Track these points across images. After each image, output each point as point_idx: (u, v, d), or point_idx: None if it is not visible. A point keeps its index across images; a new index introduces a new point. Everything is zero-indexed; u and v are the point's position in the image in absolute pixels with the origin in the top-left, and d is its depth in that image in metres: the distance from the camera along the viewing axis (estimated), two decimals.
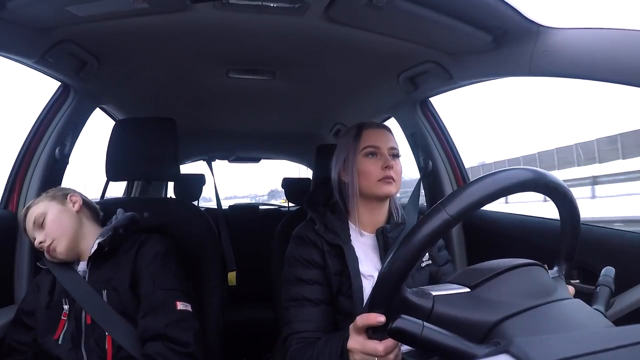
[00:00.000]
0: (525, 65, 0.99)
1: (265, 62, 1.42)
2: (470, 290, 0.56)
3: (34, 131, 1.33)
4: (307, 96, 1.83)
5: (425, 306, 0.54)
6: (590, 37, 0.84)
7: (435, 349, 0.48)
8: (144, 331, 0.96)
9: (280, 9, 1.00)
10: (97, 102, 1.56)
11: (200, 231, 1.26)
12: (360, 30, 1.10)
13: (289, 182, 2.67)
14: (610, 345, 0.35)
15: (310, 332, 0.93)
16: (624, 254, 0.98)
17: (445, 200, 0.52)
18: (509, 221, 1.44)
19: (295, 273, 0.99)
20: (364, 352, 0.67)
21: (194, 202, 2.63)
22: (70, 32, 1.07)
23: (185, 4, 0.96)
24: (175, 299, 1.00)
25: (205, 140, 2.53)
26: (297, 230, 1.06)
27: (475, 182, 0.53)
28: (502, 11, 0.93)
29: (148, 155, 1.32)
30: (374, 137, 1.03)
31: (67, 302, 1.01)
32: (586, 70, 0.84)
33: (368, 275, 0.99)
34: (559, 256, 0.68)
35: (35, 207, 1.08)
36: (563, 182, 0.59)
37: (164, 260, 1.05)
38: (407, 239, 0.53)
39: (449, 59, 1.24)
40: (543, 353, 0.35)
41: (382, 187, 0.99)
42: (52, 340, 0.99)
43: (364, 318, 0.63)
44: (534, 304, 0.53)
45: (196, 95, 1.78)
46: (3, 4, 0.88)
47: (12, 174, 1.31)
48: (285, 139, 2.63)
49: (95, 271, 1.04)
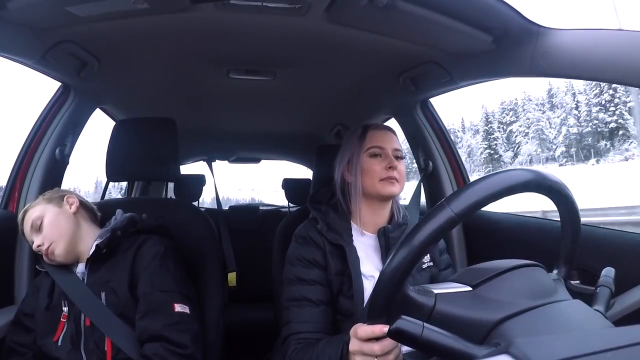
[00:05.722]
0: (525, 66, 0.99)
1: (266, 63, 1.42)
2: (472, 289, 0.56)
3: (35, 131, 1.33)
4: (307, 96, 1.83)
5: (427, 304, 0.54)
6: (590, 38, 0.85)
7: (435, 350, 0.48)
8: (142, 332, 0.96)
9: (280, 9, 1.00)
10: (97, 103, 1.56)
11: (201, 232, 1.26)
12: (360, 31, 1.10)
13: (289, 182, 2.67)
14: (611, 346, 0.35)
15: (310, 333, 0.93)
16: (624, 255, 0.98)
17: (449, 198, 0.52)
18: (509, 222, 1.44)
19: (296, 273, 0.99)
20: (363, 353, 0.67)
21: (194, 202, 2.63)
22: (71, 32, 1.07)
23: (185, 4, 0.96)
24: (173, 301, 0.99)
25: (205, 140, 2.53)
26: (299, 230, 1.06)
27: (478, 182, 0.53)
28: (502, 12, 0.94)
29: (148, 155, 1.32)
30: (378, 138, 1.04)
31: (67, 304, 1.01)
32: (586, 70, 0.85)
33: (369, 276, 0.99)
34: (559, 257, 0.68)
35: (32, 210, 1.07)
36: (564, 184, 0.60)
37: (163, 261, 1.04)
38: (411, 235, 0.53)
39: (450, 60, 1.24)
40: (543, 353, 0.36)
41: (386, 187, 1.00)
42: (51, 342, 0.99)
43: (367, 331, 0.65)
44: (534, 305, 0.53)
45: (196, 96, 1.78)
46: (3, 4, 0.88)
47: (12, 174, 1.31)
48: (286, 139, 2.63)
49: (94, 273, 1.04)
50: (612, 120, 52.82)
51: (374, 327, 0.62)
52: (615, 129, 52.89)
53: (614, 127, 52.89)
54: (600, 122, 53.75)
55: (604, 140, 53.99)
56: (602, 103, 53.61)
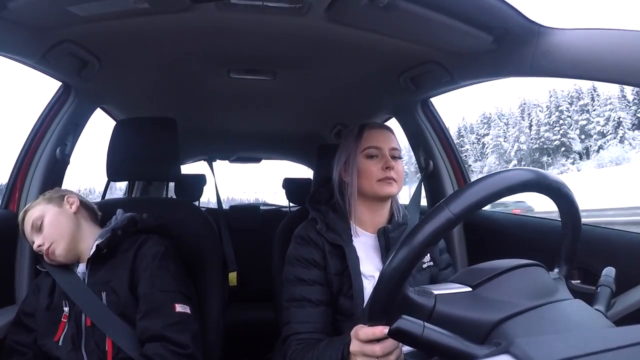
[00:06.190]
0: (526, 66, 0.99)
1: (266, 62, 1.42)
2: (472, 290, 0.56)
3: (35, 131, 1.33)
4: (307, 96, 1.83)
5: (427, 305, 0.54)
6: (591, 38, 0.84)
7: (436, 350, 0.48)
8: (142, 332, 0.96)
9: (281, 9, 1.00)
10: (98, 102, 1.56)
11: (201, 231, 1.26)
12: (361, 31, 1.10)
13: (290, 182, 2.67)
14: (611, 346, 0.35)
15: (310, 333, 0.93)
16: (625, 254, 0.98)
17: (448, 199, 0.52)
18: (510, 222, 1.44)
19: (296, 273, 0.99)
20: (364, 354, 0.67)
21: (195, 202, 2.63)
22: (71, 32, 1.07)
23: (186, 4, 0.96)
24: (173, 301, 1.00)
25: (205, 140, 2.53)
26: (299, 230, 1.06)
27: (478, 182, 0.53)
28: (503, 11, 0.93)
29: (149, 155, 1.32)
30: (375, 138, 1.03)
31: (67, 304, 1.01)
32: (587, 70, 0.84)
33: (369, 276, 0.98)
34: (559, 257, 0.68)
35: (32, 210, 1.07)
36: (564, 183, 0.59)
37: (163, 261, 1.04)
38: (410, 237, 0.53)
39: (450, 59, 1.24)
40: (544, 353, 0.36)
41: (383, 187, 0.99)
42: (52, 342, 0.99)
43: (368, 333, 0.65)
44: (535, 304, 0.53)
45: (197, 96, 1.78)
46: (4, 4, 0.88)
47: (13, 174, 1.31)
48: (286, 139, 2.63)
49: (95, 273, 1.04)
50: (556, 138, 61.90)
51: (375, 328, 0.62)
52: (560, 145, 61.77)
53: (558, 144, 61.87)
54: (547, 140, 62.58)
55: (546, 156, 62.17)
56: (550, 123, 62.84)
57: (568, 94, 62.79)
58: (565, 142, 61.19)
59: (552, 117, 62.47)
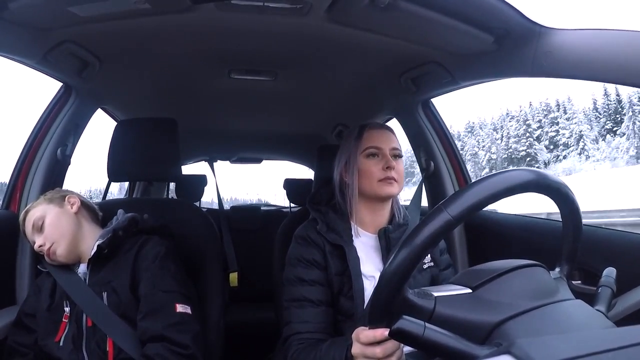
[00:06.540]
0: (527, 66, 0.99)
1: (267, 63, 1.42)
2: (472, 291, 0.56)
3: (36, 131, 1.33)
4: (308, 97, 1.83)
5: (427, 307, 0.54)
6: (592, 38, 0.84)
7: (437, 350, 0.48)
8: (143, 333, 0.96)
9: (282, 9, 1.00)
10: (98, 103, 1.56)
11: (202, 232, 1.26)
12: (362, 31, 1.10)
13: (291, 182, 2.67)
14: (612, 346, 0.35)
15: (310, 334, 0.93)
16: (626, 255, 0.98)
17: (447, 201, 0.52)
18: (511, 222, 1.44)
19: (297, 273, 0.99)
20: (365, 356, 0.67)
21: (196, 202, 2.63)
22: (72, 32, 1.07)
23: (186, 4, 0.96)
24: (174, 302, 0.99)
25: (206, 140, 2.53)
26: (299, 230, 1.06)
27: (477, 183, 0.53)
28: (503, 12, 0.93)
29: (149, 155, 1.32)
30: (375, 138, 1.03)
31: (68, 305, 1.01)
32: (588, 70, 0.84)
33: (369, 276, 0.98)
34: (560, 257, 0.68)
35: (33, 210, 1.07)
36: (565, 183, 0.59)
37: (163, 261, 1.04)
38: (409, 240, 0.53)
39: (451, 60, 1.24)
40: (545, 354, 0.35)
41: (384, 187, 0.99)
42: (53, 342, 0.99)
43: (369, 336, 0.65)
44: (535, 305, 0.53)
45: (198, 96, 1.78)
46: (5, 5, 0.88)
47: (14, 174, 1.31)
48: (287, 139, 2.63)
49: (96, 273, 1.04)
50: (524, 149, 69.50)
51: (376, 331, 0.63)
52: (525, 156, 68.90)
53: (524, 155, 69.19)
54: (514, 150, 68.99)
55: (512, 165, 66.88)
56: (518, 135, 69.64)
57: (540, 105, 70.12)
58: (530, 152, 68.21)
59: (520, 130, 69.11)
